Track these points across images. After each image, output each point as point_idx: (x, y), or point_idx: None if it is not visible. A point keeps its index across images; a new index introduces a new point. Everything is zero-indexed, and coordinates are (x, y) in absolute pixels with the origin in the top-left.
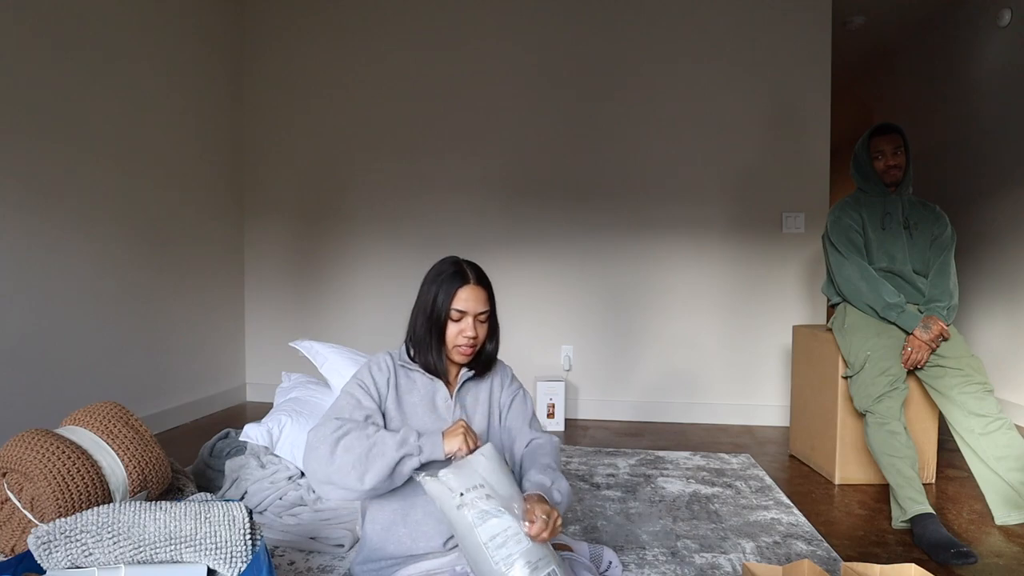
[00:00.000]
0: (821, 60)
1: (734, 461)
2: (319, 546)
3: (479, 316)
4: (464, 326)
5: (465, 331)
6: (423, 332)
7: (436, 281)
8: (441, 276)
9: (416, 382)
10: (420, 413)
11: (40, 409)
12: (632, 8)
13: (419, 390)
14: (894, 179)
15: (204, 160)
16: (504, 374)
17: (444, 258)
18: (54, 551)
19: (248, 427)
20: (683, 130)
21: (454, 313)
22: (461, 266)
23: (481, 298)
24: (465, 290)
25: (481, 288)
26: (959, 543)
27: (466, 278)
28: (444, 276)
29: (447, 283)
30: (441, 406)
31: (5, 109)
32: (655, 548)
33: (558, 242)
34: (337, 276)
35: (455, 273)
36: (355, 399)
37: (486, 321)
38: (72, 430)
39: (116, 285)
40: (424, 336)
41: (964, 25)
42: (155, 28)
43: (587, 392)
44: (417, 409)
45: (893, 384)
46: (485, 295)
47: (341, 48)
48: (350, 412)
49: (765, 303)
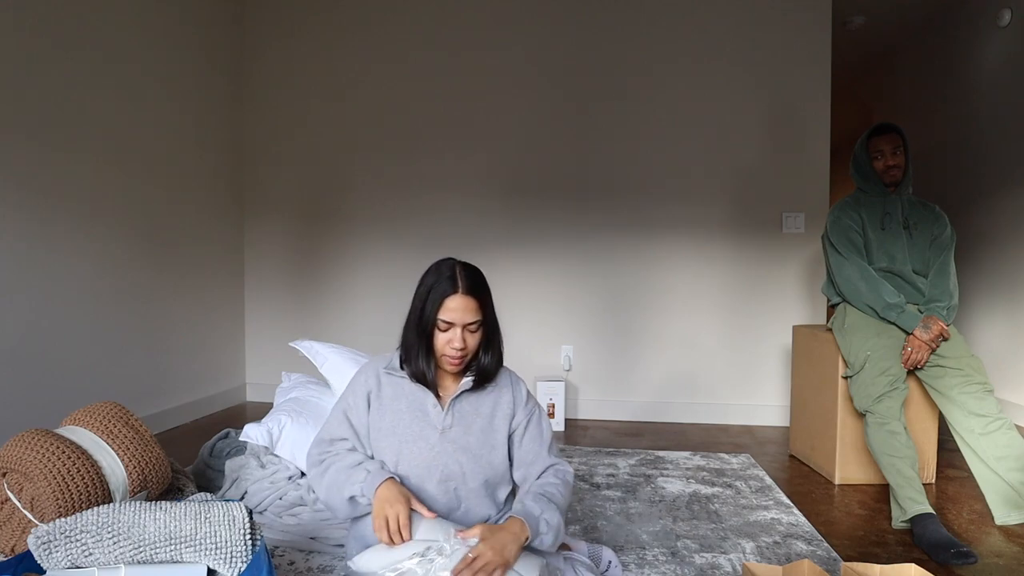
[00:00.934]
0: (821, 60)
1: (734, 461)
2: (319, 546)
3: (468, 326)
4: (451, 336)
5: (452, 342)
6: (413, 340)
7: (428, 287)
8: (433, 283)
9: (404, 389)
10: (407, 420)
11: (40, 409)
12: (632, 8)
13: (407, 397)
14: (894, 179)
15: (204, 160)
16: (519, 390)
17: (442, 260)
18: (54, 551)
19: (248, 427)
20: (683, 130)
21: (441, 324)
22: (454, 272)
23: (470, 308)
24: (453, 299)
25: (471, 298)
26: (959, 543)
27: (456, 287)
28: (436, 283)
29: (436, 291)
30: (431, 412)
31: (4, 109)
32: (655, 548)
33: (558, 242)
34: (337, 276)
35: (447, 279)
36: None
37: (477, 331)
38: (72, 430)
39: (116, 285)
40: (414, 344)
41: (964, 25)
42: (155, 28)
43: (587, 392)
44: (403, 416)
45: (893, 384)
46: (475, 304)
47: (341, 48)
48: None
49: (765, 303)
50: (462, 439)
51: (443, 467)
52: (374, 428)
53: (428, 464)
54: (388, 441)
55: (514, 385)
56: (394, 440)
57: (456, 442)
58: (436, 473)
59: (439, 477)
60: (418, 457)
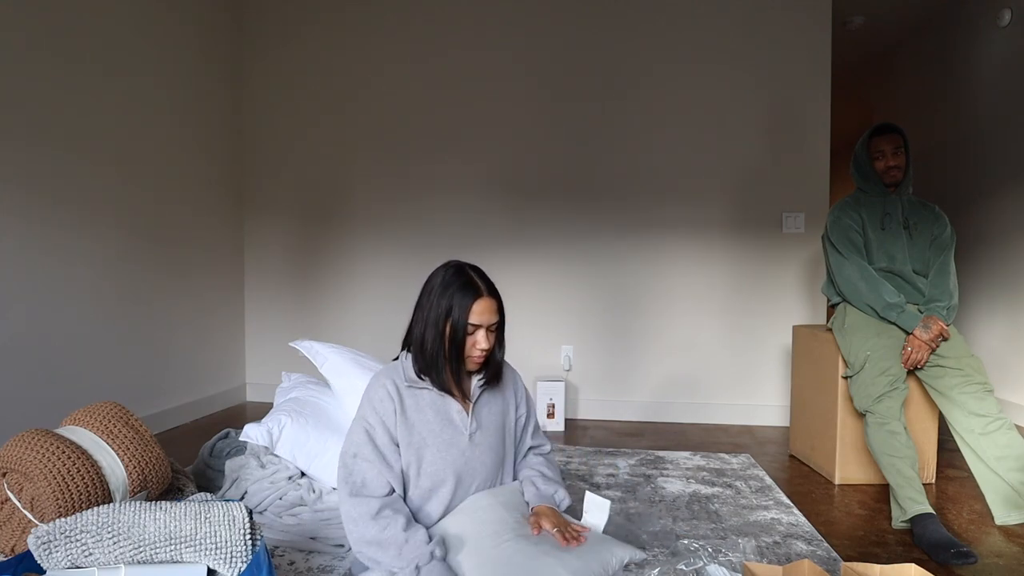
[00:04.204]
0: (821, 60)
1: (734, 461)
2: (319, 546)
3: (491, 326)
4: (478, 338)
5: (479, 343)
6: (435, 348)
7: (446, 294)
8: (451, 288)
9: (424, 399)
10: (436, 430)
11: (40, 409)
12: (632, 9)
13: (430, 406)
14: (894, 179)
15: (204, 160)
16: (516, 384)
17: (446, 265)
18: (54, 551)
19: (248, 427)
20: (683, 130)
21: (469, 328)
22: (471, 276)
23: (493, 309)
24: (480, 303)
25: (493, 299)
26: (959, 543)
27: (479, 291)
28: (455, 288)
29: (460, 296)
30: (457, 419)
31: (4, 109)
32: (655, 548)
33: (558, 242)
34: (337, 276)
35: (466, 284)
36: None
37: (496, 331)
38: (72, 430)
39: (116, 285)
40: (438, 352)
41: (964, 25)
42: (155, 28)
43: (587, 392)
44: (432, 426)
45: (893, 384)
46: (496, 306)
47: (341, 48)
48: (373, 484)
49: (765, 303)
50: (487, 441)
51: (473, 470)
52: (403, 442)
53: (461, 469)
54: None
55: (514, 379)
56: (427, 451)
57: (482, 444)
58: (467, 477)
59: (470, 479)
60: (452, 464)
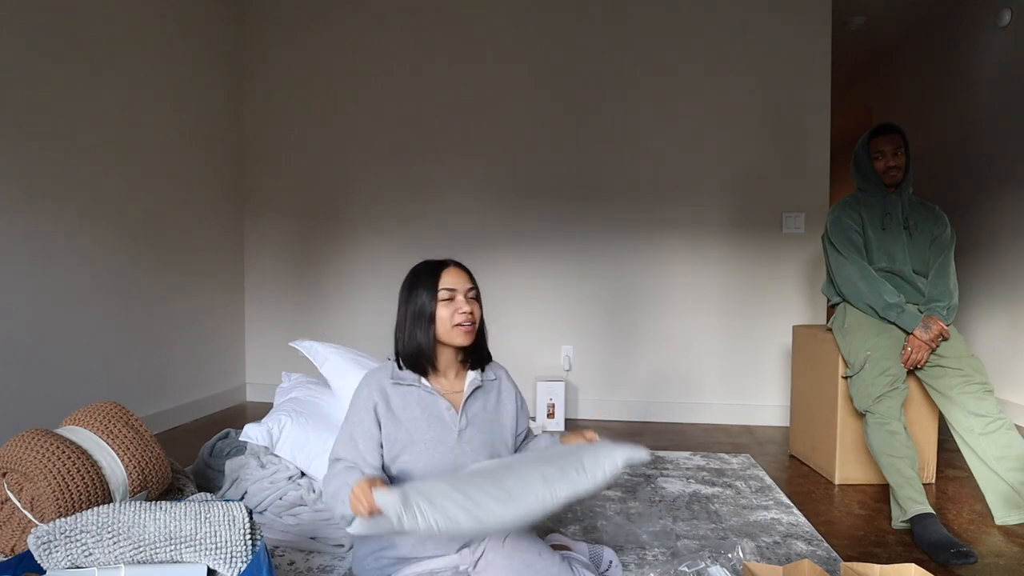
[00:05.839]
0: (821, 60)
1: (734, 461)
2: (319, 546)
3: (468, 292)
4: (457, 304)
5: (460, 308)
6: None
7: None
8: (419, 276)
9: (412, 396)
10: (423, 427)
11: (40, 409)
12: (632, 9)
13: (418, 404)
14: (894, 179)
15: (204, 160)
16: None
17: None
18: (54, 551)
19: (248, 427)
20: (683, 130)
21: (443, 293)
22: (434, 260)
23: (464, 276)
24: (448, 272)
25: (462, 270)
26: (959, 543)
27: (444, 263)
28: (423, 275)
29: (427, 276)
30: (446, 416)
31: (4, 109)
32: (655, 548)
33: (558, 242)
34: (337, 276)
35: (431, 265)
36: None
37: (476, 300)
38: (72, 430)
39: (116, 285)
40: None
41: (964, 25)
42: (154, 28)
43: (587, 392)
44: (419, 423)
45: (893, 384)
46: (467, 275)
47: (341, 48)
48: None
49: (765, 303)
50: (479, 437)
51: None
52: (389, 439)
53: (450, 467)
54: (408, 449)
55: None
56: (414, 448)
57: (472, 442)
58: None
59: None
60: (440, 462)
